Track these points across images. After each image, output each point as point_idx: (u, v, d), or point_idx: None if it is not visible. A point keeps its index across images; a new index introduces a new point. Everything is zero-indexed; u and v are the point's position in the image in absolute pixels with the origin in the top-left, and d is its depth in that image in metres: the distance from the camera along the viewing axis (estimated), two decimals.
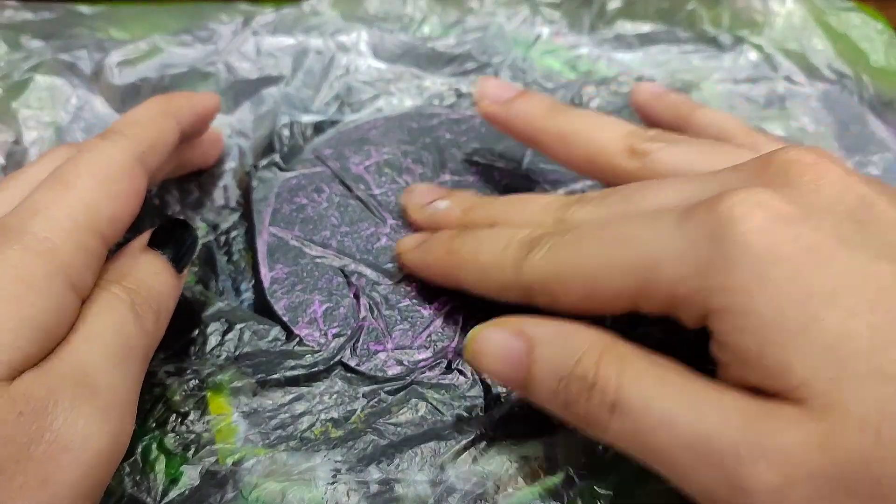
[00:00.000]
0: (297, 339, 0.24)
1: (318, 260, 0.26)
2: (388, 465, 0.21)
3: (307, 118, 0.31)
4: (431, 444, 0.22)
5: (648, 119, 0.29)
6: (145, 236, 0.23)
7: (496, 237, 0.22)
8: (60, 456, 0.16)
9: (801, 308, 0.15)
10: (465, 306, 0.25)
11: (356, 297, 0.25)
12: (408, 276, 0.26)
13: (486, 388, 0.23)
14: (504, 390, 0.23)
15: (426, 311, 0.25)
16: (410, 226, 0.27)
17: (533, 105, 0.26)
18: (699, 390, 0.16)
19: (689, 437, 0.16)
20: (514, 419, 0.22)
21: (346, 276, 0.25)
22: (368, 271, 0.26)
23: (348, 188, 0.28)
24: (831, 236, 0.16)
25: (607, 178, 0.24)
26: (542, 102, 0.27)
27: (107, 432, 0.17)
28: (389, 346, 0.24)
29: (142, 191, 0.22)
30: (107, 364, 0.18)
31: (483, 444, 0.22)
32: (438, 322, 0.24)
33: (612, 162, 0.24)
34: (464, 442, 0.22)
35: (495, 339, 0.20)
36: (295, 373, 0.23)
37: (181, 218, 0.26)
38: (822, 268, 0.16)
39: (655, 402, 0.16)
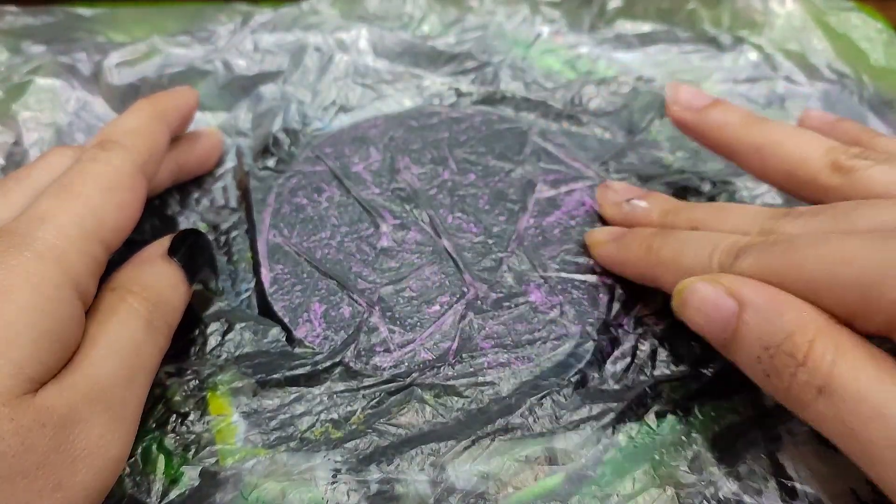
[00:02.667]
0: (298, 339, 0.24)
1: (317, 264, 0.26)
2: (388, 465, 0.21)
3: (306, 118, 0.31)
4: (431, 444, 0.22)
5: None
6: (164, 243, 0.23)
7: (700, 240, 0.22)
8: (76, 463, 0.17)
9: None
10: (465, 306, 0.25)
11: (356, 297, 0.25)
12: (408, 276, 0.26)
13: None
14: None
15: (426, 312, 0.25)
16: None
17: (729, 114, 0.26)
18: None
19: None
20: (515, 419, 0.22)
21: (344, 280, 0.25)
22: (367, 272, 0.26)
23: (348, 188, 0.28)
24: None
25: (807, 194, 0.24)
26: (738, 112, 0.26)
27: (118, 441, 0.19)
28: (389, 346, 0.24)
29: (143, 199, 0.22)
30: (120, 378, 0.19)
31: (483, 444, 0.22)
32: (439, 323, 0.24)
33: (814, 177, 0.23)
34: (464, 442, 0.22)
35: (705, 293, 0.20)
36: (295, 373, 0.23)
37: (197, 229, 0.26)
38: None
39: (872, 394, 0.16)
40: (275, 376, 0.23)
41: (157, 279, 0.22)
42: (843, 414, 0.17)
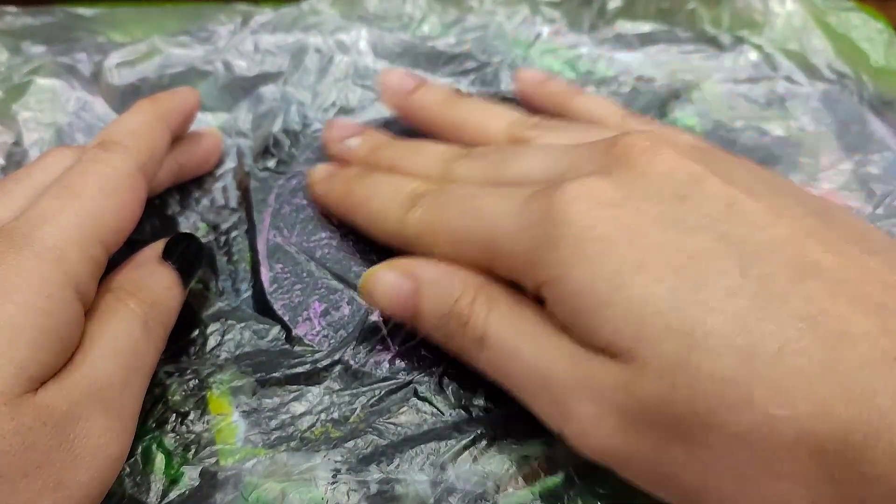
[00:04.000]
0: (297, 338, 0.24)
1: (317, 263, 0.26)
2: (388, 465, 0.21)
3: (306, 119, 0.31)
4: (431, 444, 0.22)
5: (531, 107, 0.30)
6: (159, 246, 0.23)
7: (387, 186, 0.24)
8: (76, 462, 0.18)
9: (610, 278, 0.18)
10: None
11: (356, 296, 0.25)
12: None
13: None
14: None
15: None
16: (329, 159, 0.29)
17: (430, 96, 0.28)
18: (545, 332, 0.19)
19: (532, 370, 0.19)
20: (514, 419, 0.22)
21: (344, 279, 0.25)
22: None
23: None
24: (649, 215, 0.18)
25: None
26: (438, 93, 0.28)
27: (116, 440, 0.19)
28: (389, 345, 0.24)
29: (143, 201, 0.23)
30: (119, 378, 0.19)
31: (483, 444, 0.22)
32: None
33: None
34: (464, 442, 0.22)
35: (387, 279, 0.22)
36: (295, 372, 0.23)
37: (191, 232, 0.26)
38: (633, 243, 0.18)
39: (510, 337, 0.20)
40: (275, 375, 0.23)
41: (152, 282, 0.22)
42: (496, 357, 0.20)
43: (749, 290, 0.17)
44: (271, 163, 0.30)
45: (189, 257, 0.24)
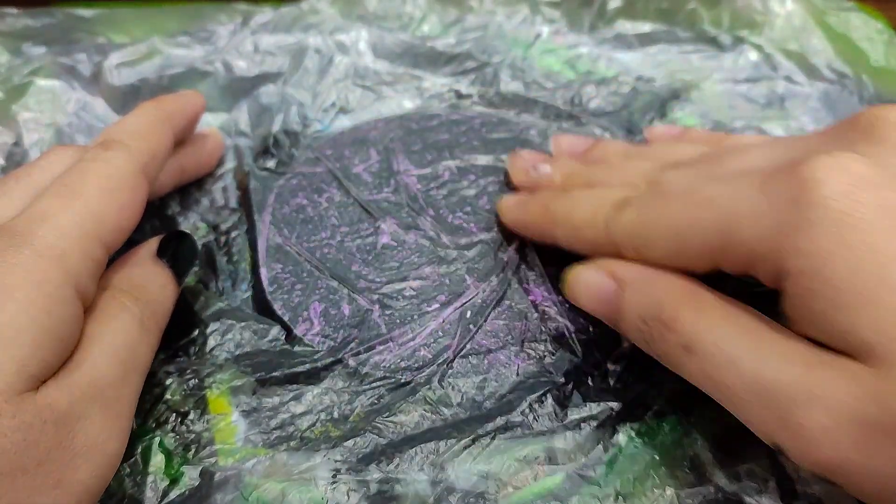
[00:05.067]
0: (297, 338, 0.24)
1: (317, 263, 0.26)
2: (388, 465, 0.21)
3: (306, 119, 0.31)
4: (431, 443, 0.22)
5: None
6: (153, 245, 0.23)
7: (590, 197, 0.24)
8: (76, 460, 0.18)
9: (875, 273, 0.16)
10: (465, 305, 0.25)
11: (356, 296, 0.25)
12: (408, 276, 0.26)
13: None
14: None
15: (426, 311, 0.25)
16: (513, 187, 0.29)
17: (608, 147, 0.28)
18: (767, 337, 0.18)
19: (751, 380, 0.17)
20: (514, 419, 0.22)
21: (344, 279, 0.25)
22: (367, 271, 0.26)
23: (348, 189, 0.28)
24: None
25: None
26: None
27: (115, 438, 0.19)
28: (389, 345, 0.24)
29: (144, 201, 0.23)
30: (117, 377, 0.19)
31: (483, 443, 0.22)
32: (439, 321, 0.24)
33: None
34: (464, 442, 0.22)
35: (590, 278, 0.22)
36: (295, 371, 0.23)
37: (184, 230, 0.26)
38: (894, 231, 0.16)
39: (725, 345, 0.18)
40: (274, 375, 0.23)
41: (147, 280, 0.22)
42: (706, 367, 0.18)
43: None
44: (271, 163, 0.30)
45: (183, 255, 0.24)
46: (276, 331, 0.24)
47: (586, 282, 0.22)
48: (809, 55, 0.35)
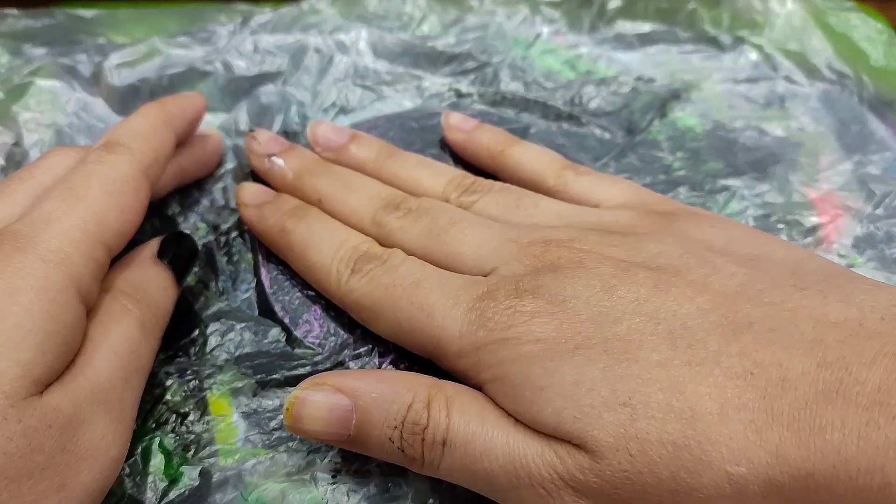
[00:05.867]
0: (297, 339, 0.24)
1: None
2: (389, 465, 0.21)
3: (306, 119, 0.31)
4: None
5: (465, 156, 0.29)
6: (154, 246, 0.24)
7: (326, 238, 0.24)
8: (79, 463, 0.18)
9: (544, 370, 0.18)
10: None
11: None
12: None
13: None
14: None
15: None
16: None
17: (364, 152, 0.28)
18: (510, 423, 0.19)
19: (507, 463, 0.18)
20: None
21: None
22: None
23: None
24: (580, 314, 0.19)
25: None
26: (373, 147, 0.28)
27: (117, 442, 0.19)
28: (389, 345, 0.24)
29: (146, 204, 0.23)
30: (120, 380, 0.20)
31: None
32: None
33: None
34: None
35: (316, 400, 0.20)
36: (295, 373, 0.23)
37: (184, 231, 0.26)
38: (566, 339, 0.19)
39: (478, 432, 0.19)
40: (275, 376, 0.23)
41: (148, 282, 0.22)
42: (464, 458, 0.19)
43: (680, 359, 0.17)
44: None
45: (183, 256, 0.24)
46: (276, 332, 0.24)
47: (313, 406, 0.19)
48: (809, 55, 0.35)
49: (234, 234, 0.28)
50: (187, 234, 0.25)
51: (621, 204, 0.24)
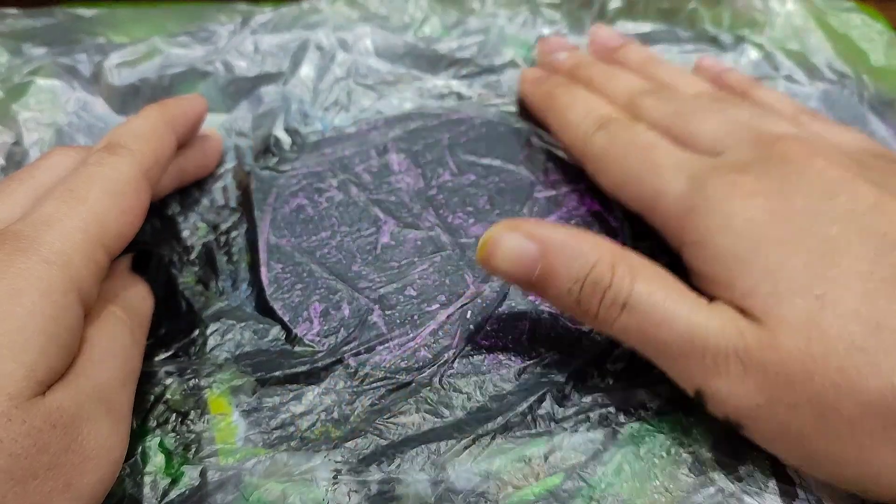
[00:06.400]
0: (297, 338, 0.24)
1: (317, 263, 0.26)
2: (389, 465, 0.21)
3: (306, 118, 0.31)
4: (432, 444, 0.22)
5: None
6: (127, 260, 0.24)
7: (584, 103, 0.28)
8: (84, 463, 0.18)
9: (751, 246, 0.20)
10: (466, 305, 0.25)
11: (356, 296, 0.25)
12: (409, 275, 0.26)
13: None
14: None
15: (426, 311, 0.25)
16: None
17: (630, 54, 0.33)
18: (691, 297, 0.21)
19: (683, 332, 0.20)
20: (514, 419, 0.22)
21: (344, 279, 0.25)
22: (367, 271, 0.26)
23: (348, 188, 0.28)
24: (796, 205, 0.20)
25: None
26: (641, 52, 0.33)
27: (119, 442, 0.19)
28: (389, 345, 0.24)
29: (147, 206, 0.23)
30: (119, 381, 0.20)
31: (483, 443, 0.22)
32: (439, 321, 0.24)
33: None
34: (464, 442, 0.22)
35: (509, 241, 0.22)
36: (295, 371, 0.23)
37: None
38: (777, 224, 0.20)
39: (660, 304, 0.20)
40: (275, 375, 0.23)
41: (129, 291, 0.23)
42: (642, 323, 0.20)
43: (880, 275, 0.19)
44: (271, 162, 0.30)
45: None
46: (276, 331, 0.24)
47: (506, 245, 0.22)
48: (810, 55, 0.35)
49: (234, 233, 0.28)
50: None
51: (854, 148, 0.25)
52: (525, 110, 0.32)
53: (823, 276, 0.19)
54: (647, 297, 0.20)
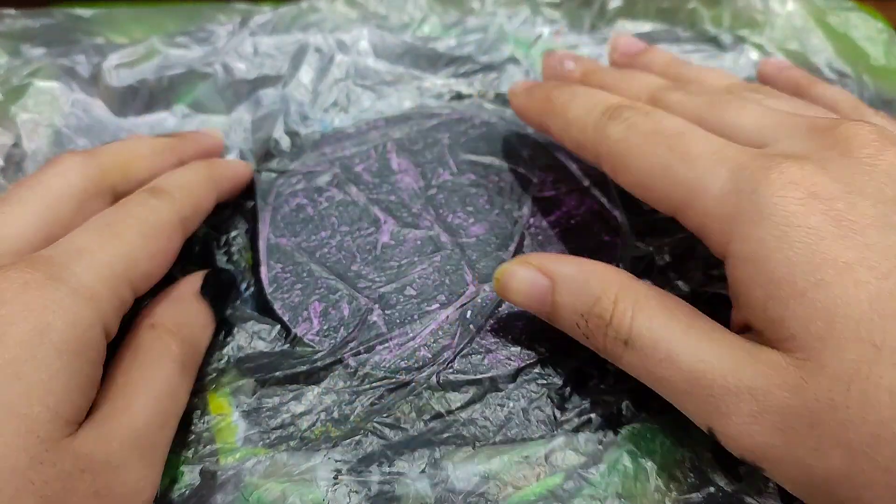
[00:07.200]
0: (297, 338, 0.24)
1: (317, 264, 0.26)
2: (389, 466, 0.21)
3: (306, 119, 0.31)
4: (431, 444, 0.22)
5: (776, 84, 0.30)
6: (195, 281, 0.24)
7: (588, 96, 0.24)
8: None
9: (811, 271, 0.17)
10: (466, 305, 0.25)
11: (356, 296, 0.25)
12: (409, 275, 0.25)
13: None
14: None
15: (426, 310, 0.25)
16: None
17: (653, 58, 0.30)
18: (700, 331, 0.19)
19: (688, 374, 0.18)
20: (514, 419, 0.22)
21: (344, 279, 0.25)
22: (367, 271, 0.26)
23: (348, 188, 0.28)
24: (866, 214, 0.17)
25: None
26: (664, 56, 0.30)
27: (149, 486, 0.19)
28: (389, 344, 0.24)
29: (177, 251, 0.23)
30: (157, 425, 0.20)
31: (483, 443, 0.22)
32: (439, 321, 0.24)
33: None
34: (464, 442, 0.22)
35: (522, 275, 0.22)
36: (295, 371, 0.23)
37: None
38: (843, 240, 0.17)
39: (662, 340, 0.19)
40: (275, 375, 0.23)
41: (191, 319, 0.23)
42: (644, 361, 0.19)
43: None
44: (272, 163, 0.30)
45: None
46: (276, 331, 0.24)
47: (518, 280, 0.22)
48: (810, 54, 0.35)
49: (234, 233, 0.28)
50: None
51: None
52: None
53: (889, 316, 0.16)
54: (648, 333, 0.19)
